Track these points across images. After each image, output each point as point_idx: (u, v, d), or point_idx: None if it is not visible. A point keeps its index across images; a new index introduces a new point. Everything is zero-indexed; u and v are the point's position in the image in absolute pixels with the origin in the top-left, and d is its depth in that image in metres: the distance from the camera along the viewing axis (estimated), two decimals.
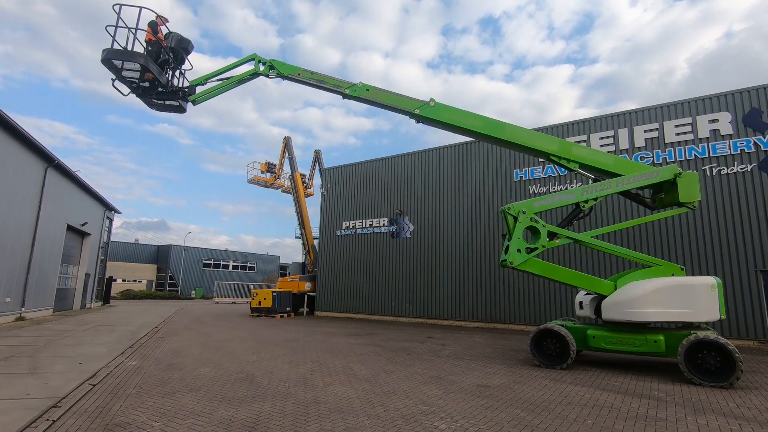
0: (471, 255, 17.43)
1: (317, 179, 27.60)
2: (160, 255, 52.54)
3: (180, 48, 11.28)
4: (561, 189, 15.41)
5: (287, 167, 27.31)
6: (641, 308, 8.12)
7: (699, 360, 7.25)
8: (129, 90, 10.97)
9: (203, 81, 11.74)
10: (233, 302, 37.36)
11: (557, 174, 15.74)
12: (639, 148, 14.26)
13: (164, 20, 11.16)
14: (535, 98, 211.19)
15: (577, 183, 14.99)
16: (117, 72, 10.46)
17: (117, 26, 10.02)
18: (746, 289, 12.08)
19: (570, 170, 9.76)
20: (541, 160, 15.54)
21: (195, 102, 11.74)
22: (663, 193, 9.51)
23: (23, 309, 16.78)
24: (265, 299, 21.42)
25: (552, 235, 8.93)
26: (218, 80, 11.83)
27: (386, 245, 20.25)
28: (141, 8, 10.27)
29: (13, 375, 7.39)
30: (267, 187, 28.81)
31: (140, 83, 10.89)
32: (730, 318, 11.96)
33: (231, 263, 55.40)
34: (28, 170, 16.89)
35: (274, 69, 11.49)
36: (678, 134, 13.65)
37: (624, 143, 14.57)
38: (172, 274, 49.74)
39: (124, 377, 7.38)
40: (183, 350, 10.40)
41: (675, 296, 8.02)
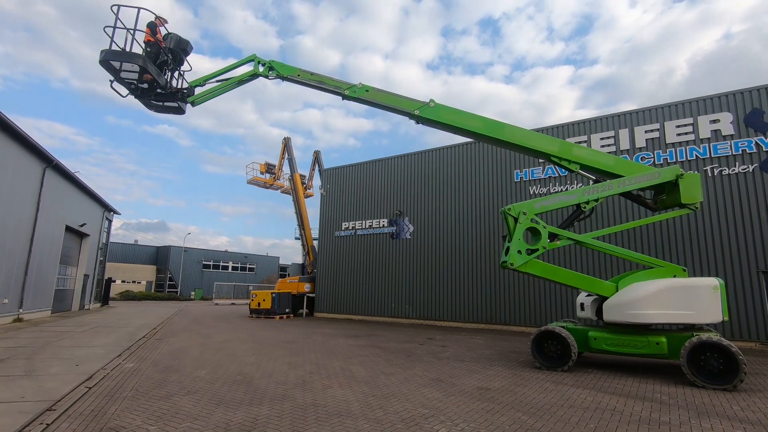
0: (471, 256, 17.35)
1: (317, 180, 27.59)
2: (160, 256, 52.47)
3: (179, 49, 11.22)
4: (561, 190, 15.34)
5: (287, 168, 27.26)
6: (643, 310, 8.05)
7: (702, 362, 7.17)
8: (128, 91, 10.90)
9: (202, 82, 11.66)
10: (233, 303, 37.27)
11: (557, 175, 15.68)
12: (640, 149, 14.20)
13: (163, 21, 11.10)
14: (535, 99, 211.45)
15: (578, 184, 14.92)
16: (115, 73, 10.39)
17: (115, 27, 9.96)
18: (748, 291, 12.01)
19: (571, 171, 9.68)
20: (542, 161, 15.48)
21: (194, 103, 11.68)
22: (665, 195, 9.44)
23: (21, 310, 16.70)
24: (265, 300, 21.35)
25: (553, 237, 8.86)
26: (217, 81, 11.76)
27: (386, 246, 20.17)
28: (139, 9, 10.22)
29: (9, 377, 7.31)
30: (266, 188, 28.75)
31: (139, 84, 10.81)
32: (732, 319, 11.89)
33: (230, 264, 55.32)
34: (26, 171, 16.82)
35: (274, 70, 11.42)
36: (679, 135, 13.59)
37: (625, 144, 14.50)
38: (172, 276, 49.65)
39: (121, 379, 7.31)
40: (181, 352, 10.32)
41: (677, 298, 7.95)
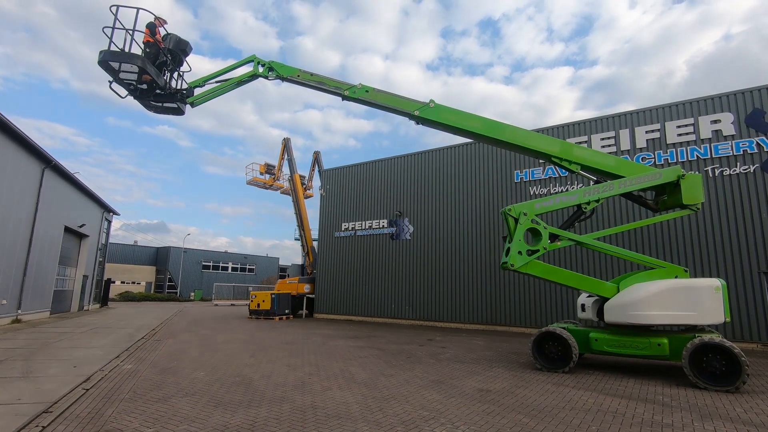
0: (471, 257, 17.30)
1: (317, 181, 27.55)
2: (159, 257, 52.39)
3: (178, 49, 11.18)
4: (562, 190, 15.30)
5: (286, 169, 27.22)
6: (644, 311, 7.99)
7: (704, 364, 7.12)
8: (126, 92, 10.86)
9: (201, 83, 11.63)
10: (232, 304, 37.18)
11: (558, 175, 15.63)
12: (640, 149, 14.15)
13: (162, 22, 11.05)
14: (535, 100, 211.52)
15: (578, 184, 14.88)
16: (114, 74, 10.34)
17: (114, 27, 9.91)
18: (749, 291, 11.95)
19: (571, 172, 9.63)
20: (542, 162, 15.43)
21: (193, 104, 11.64)
22: (666, 195, 9.39)
23: (19, 311, 16.64)
24: (264, 301, 21.28)
25: (553, 237, 8.81)
26: (217, 82, 11.73)
27: (386, 247, 20.12)
28: (138, 9, 10.18)
29: (6, 379, 7.25)
30: (266, 189, 28.73)
31: (138, 85, 10.77)
32: (733, 320, 11.83)
33: (230, 265, 55.22)
34: (25, 171, 16.77)
35: (274, 71, 11.37)
36: (680, 135, 13.54)
37: (625, 144, 14.46)
38: (171, 276, 49.57)
39: (119, 381, 7.25)
40: (180, 353, 10.26)
41: (679, 298, 7.90)
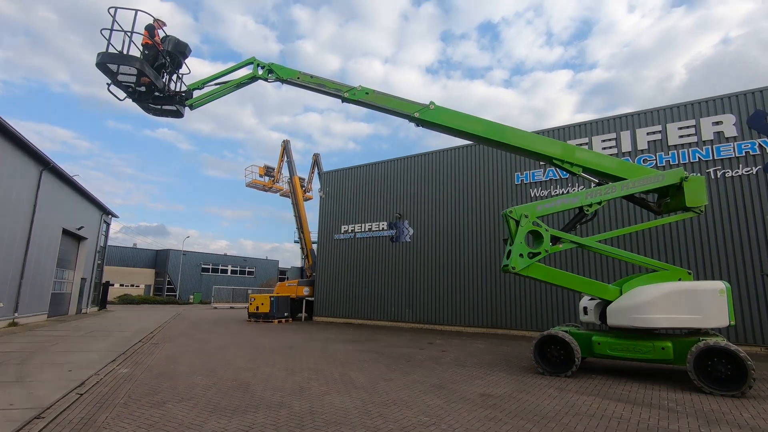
0: (472, 259, 17.19)
1: (316, 183, 27.44)
2: (159, 260, 52.25)
3: (177, 52, 11.08)
4: (563, 192, 15.21)
5: (286, 171, 27.14)
6: (648, 314, 7.87)
7: (709, 368, 7.00)
8: (125, 95, 10.76)
9: (201, 85, 11.52)
10: (231, 307, 37.05)
11: (559, 177, 15.55)
12: (642, 151, 14.07)
13: (162, 24, 10.96)
14: (534, 104, 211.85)
15: (579, 186, 14.79)
16: (112, 76, 10.25)
17: (112, 29, 9.81)
18: (753, 294, 11.84)
19: (573, 174, 9.53)
20: (542, 163, 15.35)
21: (192, 106, 11.54)
22: (669, 198, 9.27)
23: (16, 314, 16.50)
24: (263, 304, 21.14)
25: (555, 240, 8.71)
26: (216, 84, 11.62)
27: (385, 249, 20.00)
28: (137, 11, 10.10)
29: None
30: (265, 191, 28.63)
31: (136, 88, 10.68)
32: (737, 323, 11.70)
33: (230, 268, 55.09)
34: (23, 173, 16.67)
35: (273, 73, 11.27)
36: (681, 137, 13.46)
37: (626, 146, 14.38)
38: (171, 279, 49.42)
39: (114, 386, 7.12)
40: (177, 357, 10.13)
41: (683, 301, 7.78)
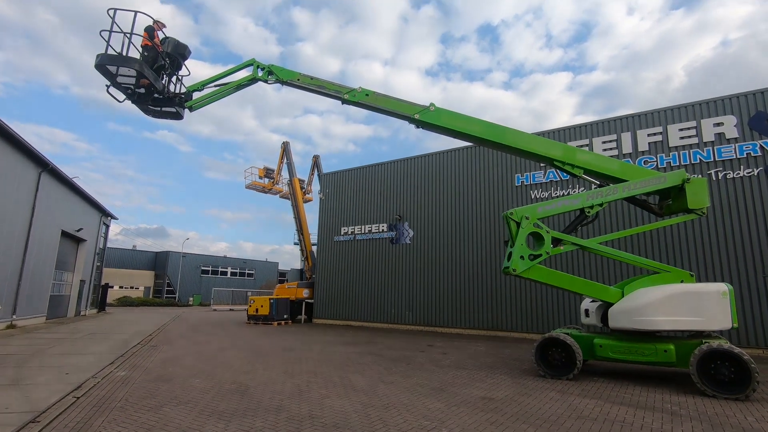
0: (472, 261, 17.13)
1: (316, 185, 27.38)
2: (158, 261, 52.16)
3: (177, 53, 11.03)
4: (563, 194, 15.16)
5: (286, 173, 27.10)
6: (650, 316, 7.80)
7: (712, 371, 6.93)
8: (124, 96, 10.72)
9: (200, 87, 11.46)
10: (231, 309, 36.95)
11: (559, 179, 15.50)
12: (642, 152, 14.03)
13: (161, 25, 10.91)
14: (534, 106, 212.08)
15: (580, 188, 14.74)
16: (112, 78, 10.21)
17: (111, 31, 9.78)
18: (755, 296, 11.78)
19: (574, 176, 9.47)
20: (543, 165, 15.30)
21: (192, 108, 11.47)
22: (670, 200, 9.21)
23: (14, 316, 16.42)
24: (263, 306, 21.05)
25: (556, 242, 8.65)
26: (216, 86, 11.55)
27: (385, 251, 19.94)
28: (136, 12, 10.06)
29: None
30: (265, 193, 28.58)
31: (136, 89, 10.63)
32: (740, 325, 11.63)
33: (229, 270, 55.02)
34: (21, 175, 16.61)
35: (273, 74, 11.20)
36: (682, 138, 13.42)
37: (627, 147, 14.34)
38: (170, 281, 49.33)
39: (111, 389, 7.05)
40: (175, 360, 10.05)
41: (685, 304, 7.70)
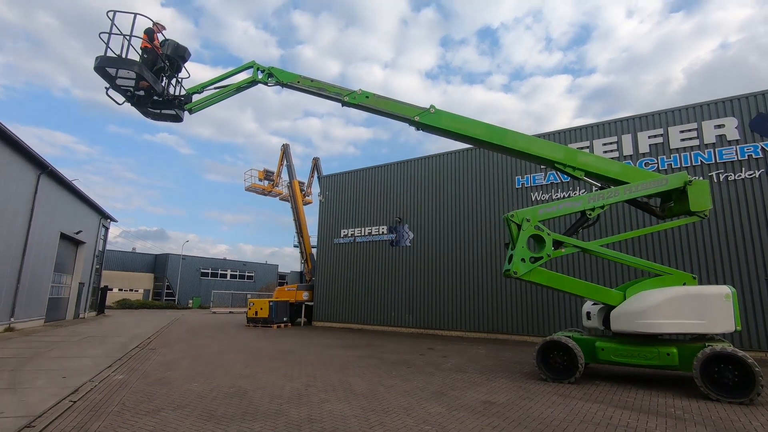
0: (472, 264, 17.06)
1: (316, 187, 27.36)
2: (158, 264, 52.04)
3: (176, 56, 11.02)
4: (564, 196, 15.12)
5: (285, 175, 27.07)
6: (652, 319, 7.74)
7: (716, 374, 6.86)
8: (123, 99, 10.69)
9: (200, 89, 11.43)
10: (230, 312, 36.82)
11: (560, 181, 15.45)
12: (643, 154, 13.99)
13: (161, 27, 10.89)
14: (534, 108, 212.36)
15: (581, 190, 14.69)
16: (111, 80, 10.19)
17: (111, 33, 9.77)
18: (757, 299, 11.71)
19: (575, 178, 9.42)
20: (544, 167, 15.26)
21: (191, 111, 11.44)
22: (672, 202, 9.16)
23: (12, 319, 16.32)
24: (262, 309, 20.96)
25: (557, 244, 8.58)
26: (216, 88, 11.53)
27: (385, 254, 19.87)
28: (135, 15, 10.04)
29: None
30: (264, 195, 28.55)
31: (135, 92, 10.59)
32: (742, 328, 11.56)
33: (229, 272, 54.88)
34: (20, 177, 16.55)
35: (273, 77, 11.17)
36: (683, 140, 13.38)
37: (628, 149, 14.30)
38: (170, 284, 49.20)
39: (108, 393, 6.98)
40: (173, 363, 9.98)
41: (688, 306, 7.65)
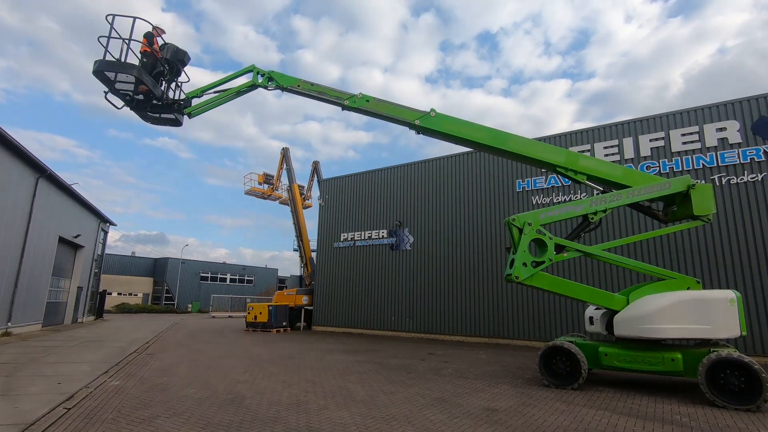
0: (473, 268, 16.94)
1: (315, 191, 27.27)
2: (157, 268, 51.86)
3: (176, 59, 10.95)
4: (565, 200, 15.03)
5: (285, 179, 27.00)
6: (656, 324, 7.63)
7: (721, 380, 6.74)
8: (123, 103, 10.63)
9: (200, 93, 11.38)
10: (230, 316, 36.66)
11: (561, 184, 15.37)
12: (645, 158, 13.91)
13: (160, 31, 10.84)
14: (533, 112, 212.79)
15: (582, 193, 14.61)
16: (110, 84, 10.12)
17: (110, 37, 9.70)
18: (762, 303, 11.59)
19: (577, 182, 9.34)
20: (544, 170, 15.18)
21: (191, 115, 11.38)
22: (675, 206, 9.06)
23: (9, 324, 16.20)
24: (261, 313, 20.82)
25: (559, 248, 8.49)
26: (215, 92, 11.48)
27: (385, 258, 19.76)
28: (135, 18, 9.99)
29: None
30: (264, 199, 28.44)
31: (134, 96, 10.54)
32: (747, 333, 11.43)
33: (228, 276, 54.68)
34: (18, 180, 16.48)
35: (273, 81, 11.12)
36: (685, 143, 13.31)
37: (629, 152, 14.22)
38: (169, 288, 49.02)
39: (104, 399, 6.87)
40: (171, 368, 9.85)
41: (692, 311, 7.54)
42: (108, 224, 29.96)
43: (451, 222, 17.95)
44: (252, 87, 11.37)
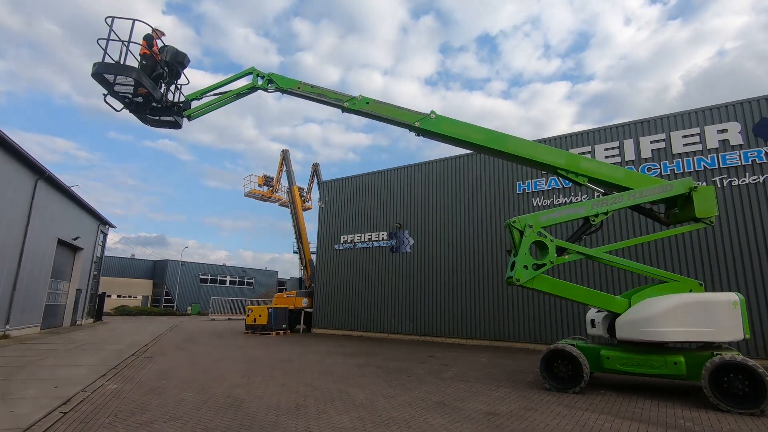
0: (473, 270, 16.87)
1: (315, 193, 27.21)
2: (157, 270, 51.80)
3: (175, 62, 10.94)
4: (565, 201, 14.98)
5: (285, 181, 26.96)
6: (658, 327, 7.55)
7: (725, 384, 6.67)
8: (122, 105, 10.60)
9: (199, 95, 11.36)
10: (229, 318, 36.55)
11: (561, 186, 15.32)
12: (646, 159, 13.86)
13: (160, 34, 10.82)
14: (533, 115, 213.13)
15: (582, 195, 14.55)
16: (109, 87, 10.10)
17: (109, 39, 9.68)
18: (765, 306, 11.52)
19: (578, 184, 9.27)
20: (545, 172, 15.13)
21: (190, 117, 11.36)
22: (677, 208, 9.00)
23: (7, 326, 16.11)
24: (261, 316, 20.74)
25: (561, 251, 8.42)
26: (215, 95, 11.46)
27: (385, 260, 19.69)
28: (134, 21, 9.96)
29: None
30: (264, 201, 28.41)
31: (133, 98, 10.51)
32: (751, 336, 11.35)
33: (228, 278, 54.61)
34: (17, 182, 16.41)
35: (273, 83, 11.09)
36: (686, 145, 13.27)
37: (630, 154, 14.18)
38: (168, 290, 48.93)
39: (101, 403, 6.79)
40: (169, 372, 9.78)
41: (695, 314, 7.46)
42: (107, 226, 29.89)
43: (452, 224, 17.89)
44: (252, 89, 11.34)
